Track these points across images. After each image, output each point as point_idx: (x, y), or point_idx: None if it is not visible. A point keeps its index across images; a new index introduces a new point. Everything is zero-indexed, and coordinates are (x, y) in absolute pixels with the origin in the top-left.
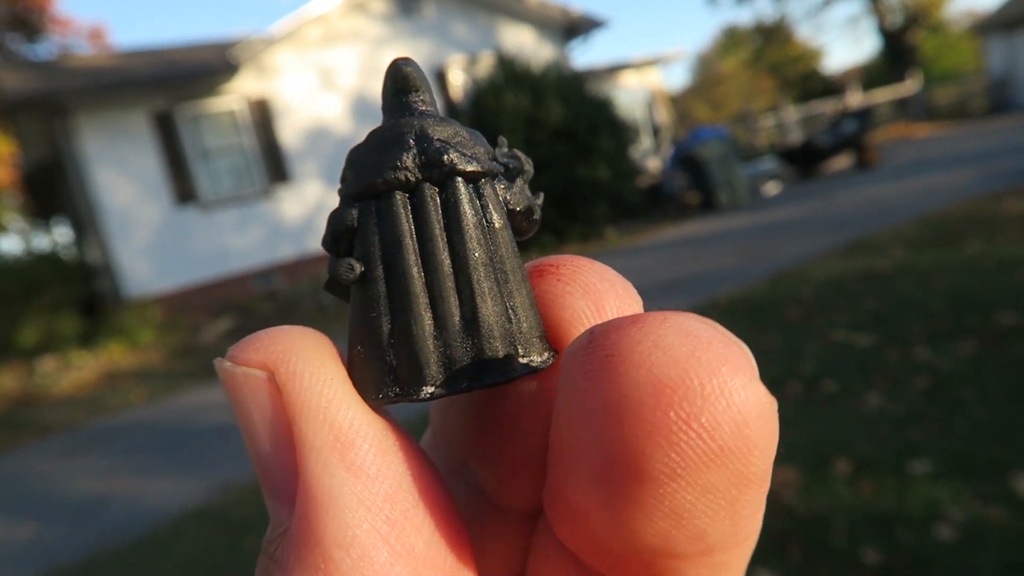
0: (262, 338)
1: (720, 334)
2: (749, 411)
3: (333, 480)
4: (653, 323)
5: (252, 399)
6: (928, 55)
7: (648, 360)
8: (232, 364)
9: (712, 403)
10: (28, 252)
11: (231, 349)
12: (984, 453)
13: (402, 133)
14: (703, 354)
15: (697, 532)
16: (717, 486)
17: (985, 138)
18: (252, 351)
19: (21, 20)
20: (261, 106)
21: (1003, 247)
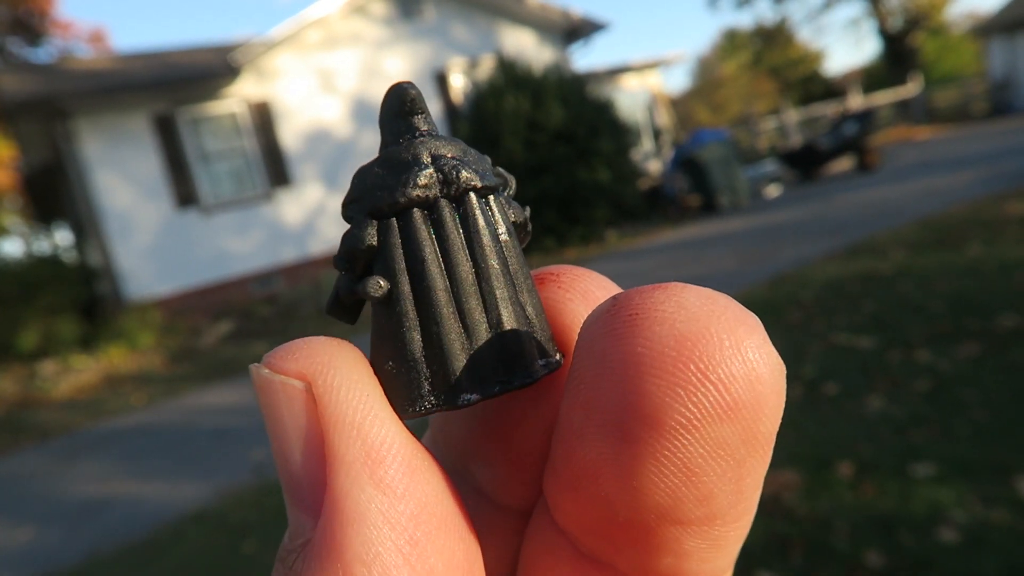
0: (300, 348)
1: (736, 302)
2: (762, 369)
3: (361, 495)
4: (675, 288)
5: (286, 408)
6: (929, 57)
7: (671, 318)
8: (269, 372)
9: (729, 358)
10: (28, 255)
11: (268, 356)
12: (986, 455)
13: (419, 153)
14: (722, 314)
15: (704, 492)
16: (728, 441)
17: (986, 140)
18: (291, 360)
19: (22, 23)
20: (261, 109)
21: (1004, 249)
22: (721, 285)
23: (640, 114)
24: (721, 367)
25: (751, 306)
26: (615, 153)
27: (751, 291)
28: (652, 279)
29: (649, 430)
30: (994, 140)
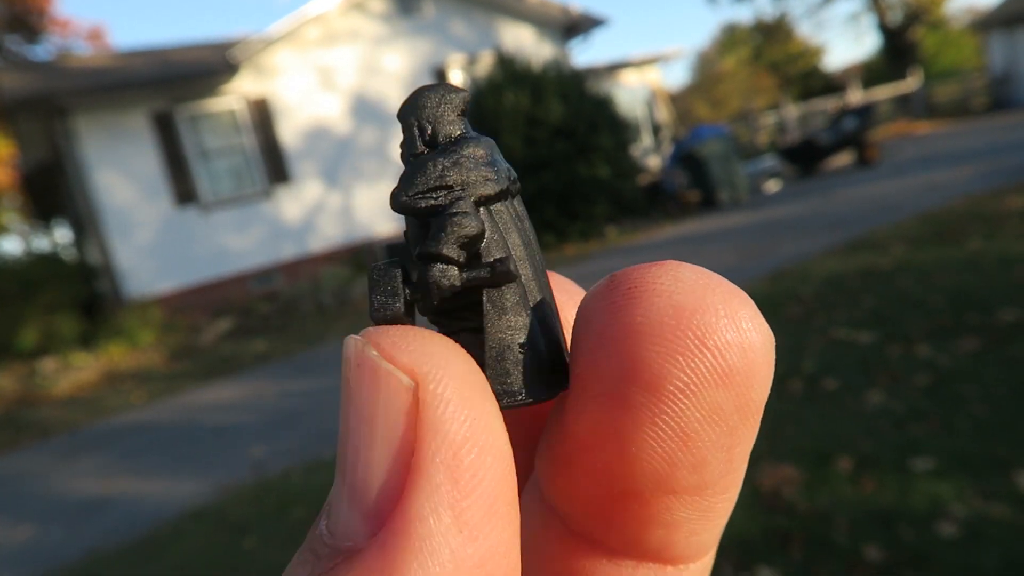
0: (414, 340)
1: (727, 280)
2: (755, 338)
3: (437, 526)
4: (671, 265)
5: (384, 403)
6: (929, 52)
7: (668, 290)
8: (379, 356)
9: (724, 327)
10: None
11: (377, 337)
12: (986, 450)
13: (492, 148)
14: (717, 287)
15: (699, 459)
16: (723, 407)
17: (986, 135)
18: (404, 351)
19: (20, 21)
20: (260, 106)
21: (1004, 244)
22: None
23: (639, 110)
24: (717, 335)
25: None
26: (614, 149)
27: (751, 286)
28: None
29: (649, 395)
30: (994, 135)
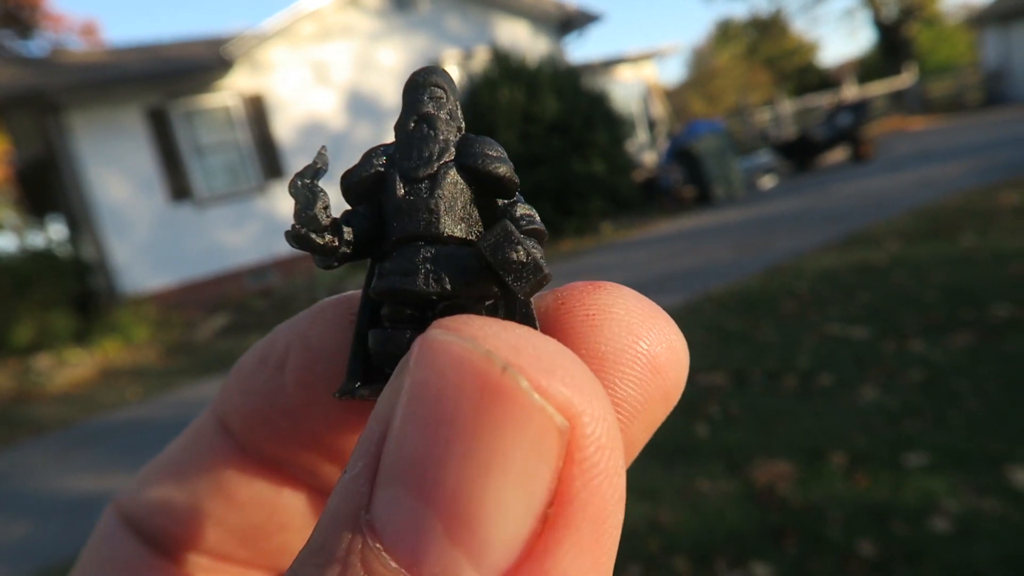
0: (568, 366)
1: (654, 302)
2: (686, 363)
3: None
4: (616, 290)
5: (527, 444)
6: (923, 48)
7: (625, 319)
8: (529, 388)
9: (671, 358)
10: (22, 249)
11: (519, 358)
12: (979, 445)
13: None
14: (660, 316)
15: (630, 440)
16: (659, 420)
17: (980, 131)
18: (559, 381)
19: (13, 16)
20: (255, 102)
21: (998, 239)
22: (716, 276)
23: (635, 105)
24: (667, 365)
25: (746, 298)
26: (610, 145)
27: (746, 282)
28: (647, 271)
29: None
30: (988, 130)
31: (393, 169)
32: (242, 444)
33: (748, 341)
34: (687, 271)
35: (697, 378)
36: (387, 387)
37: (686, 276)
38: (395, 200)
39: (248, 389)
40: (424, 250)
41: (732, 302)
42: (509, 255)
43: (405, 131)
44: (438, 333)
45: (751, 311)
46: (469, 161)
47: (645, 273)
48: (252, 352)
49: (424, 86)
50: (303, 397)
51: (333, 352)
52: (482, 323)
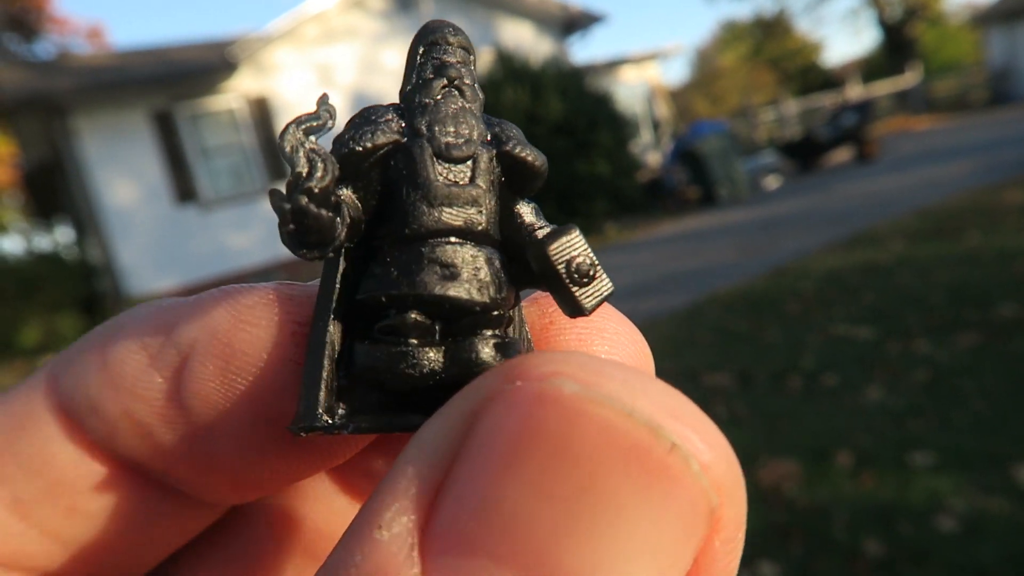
0: (718, 440)
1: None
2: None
3: None
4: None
5: (672, 518)
6: (928, 47)
7: (612, 336)
8: (688, 457)
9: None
10: (29, 252)
11: (682, 430)
12: (985, 445)
13: None
14: (628, 327)
15: None
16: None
17: (985, 130)
18: (718, 458)
19: (19, 20)
20: (260, 104)
21: (1003, 239)
22: (720, 277)
23: (639, 106)
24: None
25: (751, 298)
26: (614, 146)
27: (750, 283)
28: (652, 272)
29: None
30: (993, 129)
31: (421, 142)
32: (101, 446)
33: (753, 342)
34: (691, 272)
35: (702, 378)
36: (442, 427)
37: (690, 277)
38: (428, 183)
39: (125, 389)
40: (464, 250)
41: (737, 303)
42: (583, 265)
43: (430, 95)
44: (570, 386)
45: (756, 312)
46: (509, 147)
47: (649, 274)
48: (128, 340)
49: (449, 44)
50: (211, 419)
51: (263, 366)
52: (610, 370)
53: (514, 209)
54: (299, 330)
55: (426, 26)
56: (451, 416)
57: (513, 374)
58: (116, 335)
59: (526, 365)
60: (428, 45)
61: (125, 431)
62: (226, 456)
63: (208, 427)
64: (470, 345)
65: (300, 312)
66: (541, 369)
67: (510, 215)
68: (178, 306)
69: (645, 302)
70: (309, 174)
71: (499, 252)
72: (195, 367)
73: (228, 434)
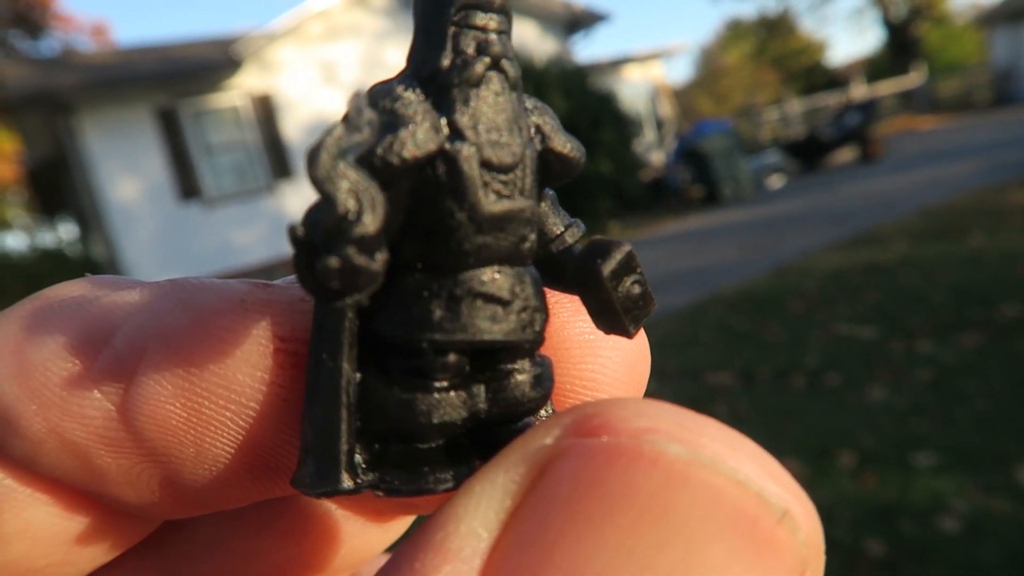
0: (806, 501)
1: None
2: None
3: None
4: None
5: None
6: (932, 47)
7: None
8: (805, 540)
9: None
10: (33, 248)
11: (787, 495)
12: (988, 445)
13: None
14: None
15: None
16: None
17: (989, 130)
18: (812, 523)
19: (23, 17)
20: (264, 102)
21: (1007, 239)
22: (724, 276)
23: (642, 105)
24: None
25: (754, 297)
26: (618, 144)
27: (754, 281)
28: (655, 271)
29: None
30: (997, 130)
31: (468, 149)
32: (18, 463)
33: (756, 340)
34: (695, 270)
35: (705, 377)
36: (500, 481)
37: (694, 275)
38: (478, 204)
39: (52, 404)
40: (512, 276)
41: (740, 301)
42: (632, 289)
43: (472, 80)
44: (674, 448)
45: (759, 310)
46: (553, 143)
47: (653, 272)
48: (52, 341)
49: (491, 7)
50: (168, 446)
51: (238, 389)
52: (709, 428)
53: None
54: (282, 348)
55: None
56: (510, 469)
57: (593, 426)
58: (35, 333)
59: (610, 417)
60: (465, 7)
61: (53, 451)
62: (187, 483)
63: (166, 454)
64: (515, 385)
65: (281, 324)
66: (632, 424)
67: None
68: (115, 299)
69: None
70: (357, 216)
71: (530, 265)
72: (148, 385)
73: (193, 462)
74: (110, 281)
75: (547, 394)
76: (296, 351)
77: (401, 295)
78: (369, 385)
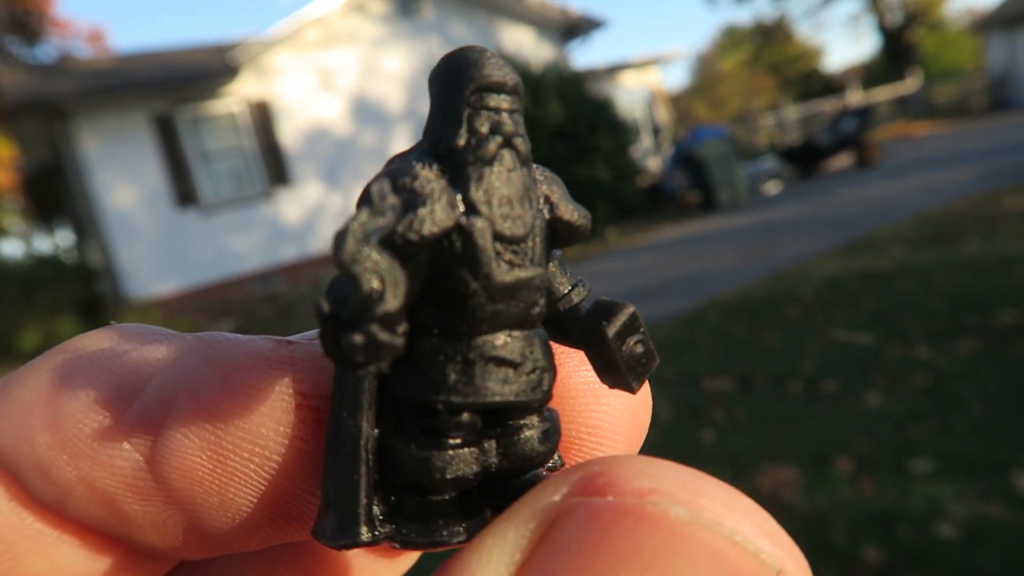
0: (798, 554)
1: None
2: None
3: None
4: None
5: None
6: (928, 53)
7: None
8: (759, 556)
9: None
10: (29, 255)
11: (781, 554)
12: (984, 451)
13: None
14: None
15: None
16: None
17: (985, 136)
18: (784, 549)
19: (20, 23)
20: (261, 108)
21: (1003, 245)
22: (721, 282)
23: (639, 111)
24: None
25: (751, 304)
26: (614, 150)
27: (750, 288)
28: (652, 277)
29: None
30: (993, 135)
31: (482, 223)
32: (48, 509)
33: (753, 347)
34: (691, 277)
35: (702, 384)
36: (510, 535)
37: (690, 282)
38: (491, 275)
39: (83, 455)
40: (523, 340)
41: (737, 308)
42: (636, 349)
43: (485, 158)
44: (676, 510)
45: (756, 317)
46: (561, 213)
47: (649, 279)
48: (83, 395)
49: (504, 90)
50: (195, 496)
51: (262, 443)
52: (708, 489)
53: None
54: (304, 403)
55: (472, 61)
56: (520, 524)
57: (598, 485)
58: (67, 385)
59: (614, 477)
60: (480, 90)
61: (82, 498)
62: (211, 530)
63: (191, 503)
64: (525, 441)
65: (303, 381)
66: (635, 484)
67: None
68: (144, 353)
69: (645, 306)
70: (381, 296)
71: (537, 328)
72: (176, 438)
73: (217, 511)
74: (136, 332)
75: (554, 447)
76: (317, 406)
77: (419, 359)
78: (387, 441)
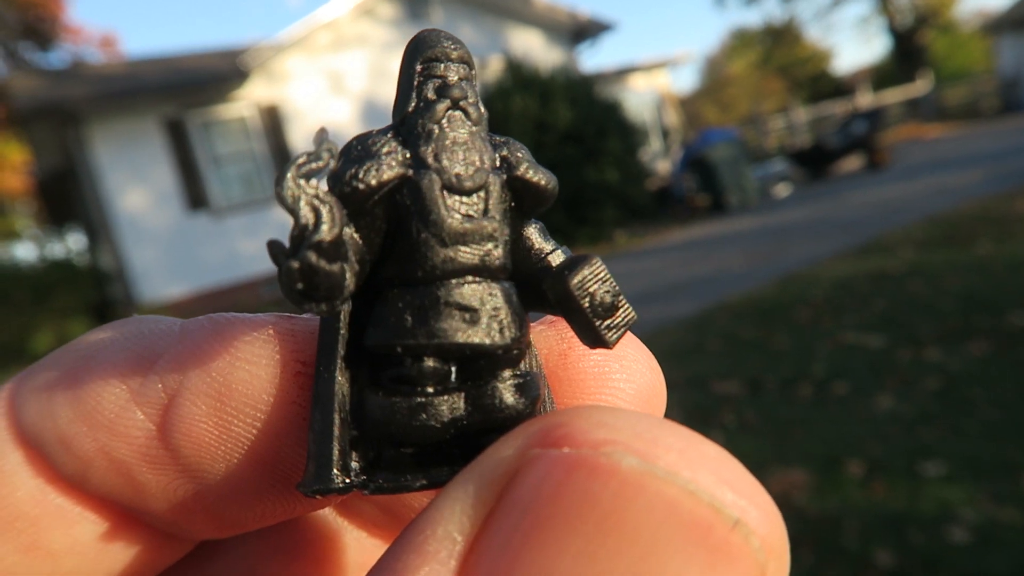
0: (766, 501)
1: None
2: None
3: None
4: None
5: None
6: (938, 55)
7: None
8: (760, 546)
9: None
10: (42, 259)
11: (741, 502)
12: (996, 454)
13: None
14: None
15: None
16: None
17: (996, 138)
18: (772, 526)
19: (33, 29)
20: (271, 112)
21: (1014, 247)
22: (730, 284)
23: (648, 114)
24: (659, 396)
25: (760, 306)
26: (623, 153)
27: (760, 290)
28: (661, 280)
29: None
30: (1004, 138)
31: (430, 174)
32: (71, 482)
33: (763, 349)
34: (700, 279)
35: (712, 386)
36: (475, 484)
37: (700, 284)
38: (440, 220)
39: (102, 426)
40: (481, 288)
41: (746, 310)
42: (604, 298)
43: (434, 119)
44: (628, 460)
45: (765, 319)
46: (520, 171)
47: (658, 281)
48: (104, 372)
49: (450, 59)
50: (203, 462)
51: (264, 408)
52: (665, 438)
53: (522, 232)
54: (303, 371)
55: (421, 39)
56: (484, 474)
57: (556, 436)
58: (89, 364)
59: (572, 429)
60: (426, 61)
61: (101, 469)
62: (217, 498)
63: (199, 469)
64: (492, 390)
65: (302, 351)
66: (591, 436)
67: (519, 239)
68: (160, 334)
69: (654, 309)
70: (316, 226)
71: (513, 284)
72: (185, 406)
73: (222, 478)
74: (155, 319)
75: (530, 404)
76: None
77: (382, 309)
78: (362, 396)
